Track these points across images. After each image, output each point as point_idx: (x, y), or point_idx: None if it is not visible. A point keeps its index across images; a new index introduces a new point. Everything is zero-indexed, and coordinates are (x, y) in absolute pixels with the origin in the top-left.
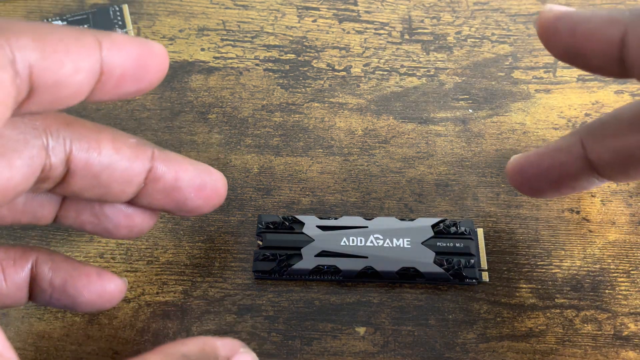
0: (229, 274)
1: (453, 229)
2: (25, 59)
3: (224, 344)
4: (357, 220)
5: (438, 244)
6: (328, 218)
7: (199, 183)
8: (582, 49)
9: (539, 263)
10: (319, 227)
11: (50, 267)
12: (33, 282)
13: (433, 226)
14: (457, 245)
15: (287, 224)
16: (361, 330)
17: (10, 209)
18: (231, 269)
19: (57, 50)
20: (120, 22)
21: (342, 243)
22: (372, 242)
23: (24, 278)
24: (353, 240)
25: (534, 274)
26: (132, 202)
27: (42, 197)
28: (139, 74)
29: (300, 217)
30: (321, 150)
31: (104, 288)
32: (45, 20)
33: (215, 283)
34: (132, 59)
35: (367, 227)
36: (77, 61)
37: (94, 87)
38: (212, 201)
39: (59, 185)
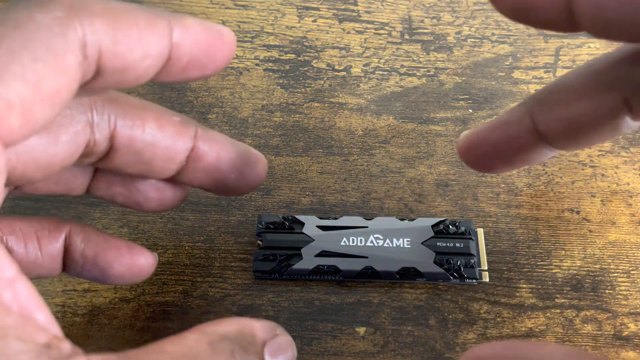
0: (229, 274)
1: (453, 229)
2: (96, 44)
3: (262, 326)
4: (357, 220)
5: (438, 244)
6: (328, 218)
7: (239, 164)
8: (529, 3)
9: (539, 263)
10: (319, 227)
11: (82, 239)
12: (66, 253)
13: (433, 226)
14: (457, 245)
15: (287, 224)
16: (361, 330)
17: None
18: (231, 269)
19: (130, 35)
20: None
21: (342, 243)
22: (372, 242)
23: (58, 249)
24: (353, 240)
25: (534, 274)
26: (171, 178)
27: (75, 168)
28: (206, 60)
29: (300, 217)
30: (321, 150)
31: (134, 261)
32: None
33: (215, 283)
34: (201, 46)
35: (367, 227)
36: (148, 47)
37: (159, 70)
38: (252, 183)
39: (101, 160)
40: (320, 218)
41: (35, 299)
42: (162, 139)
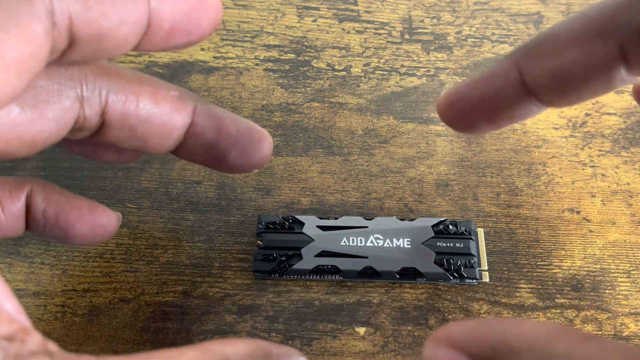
0: (229, 274)
1: (453, 229)
2: (64, 11)
3: (280, 353)
4: (357, 220)
5: (438, 244)
6: (328, 218)
7: (241, 141)
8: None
9: (539, 263)
10: (319, 227)
11: (43, 198)
12: (28, 212)
13: (433, 226)
14: (457, 245)
15: (287, 224)
16: (361, 330)
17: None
18: (231, 269)
19: (101, 1)
20: None
21: (342, 243)
22: (372, 242)
23: (20, 208)
24: (353, 240)
25: (534, 274)
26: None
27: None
28: (190, 26)
29: (300, 217)
30: (321, 150)
31: (96, 221)
32: None
33: (215, 283)
34: (182, 11)
35: (367, 227)
36: (123, 13)
37: (140, 39)
38: (254, 161)
39: (94, 134)
40: (320, 218)
41: (2, 287)
42: (158, 115)
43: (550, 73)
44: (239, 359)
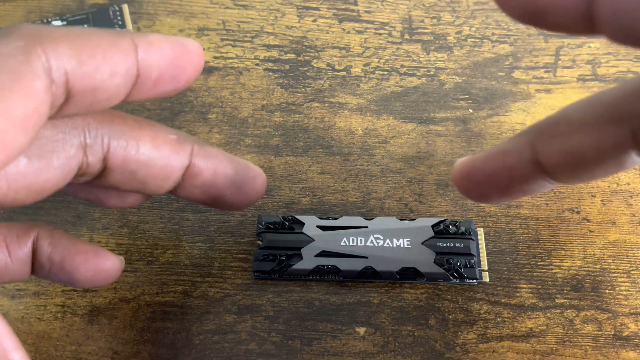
0: (229, 274)
1: (453, 229)
2: (61, 67)
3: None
4: (357, 220)
5: (438, 244)
6: (328, 218)
7: (237, 181)
8: (545, 5)
9: (539, 263)
10: (319, 227)
11: (49, 243)
12: (34, 256)
13: (433, 226)
14: (457, 245)
15: (287, 224)
16: (361, 330)
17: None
18: (231, 269)
19: (94, 56)
20: (120, 22)
21: (342, 243)
22: (372, 242)
23: (26, 253)
24: (353, 240)
25: (534, 274)
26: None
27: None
28: (175, 73)
29: (300, 217)
30: (321, 150)
31: (100, 266)
32: (44, 20)
33: (215, 283)
34: (167, 60)
35: (367, 227)
36: (114, 66)
37: (131, 89)
38: (250, 198)
39: (96, 178)
40: (320, 218)
41: (11, 339)
42: (158, 159)
43: (563, 154)
44: None
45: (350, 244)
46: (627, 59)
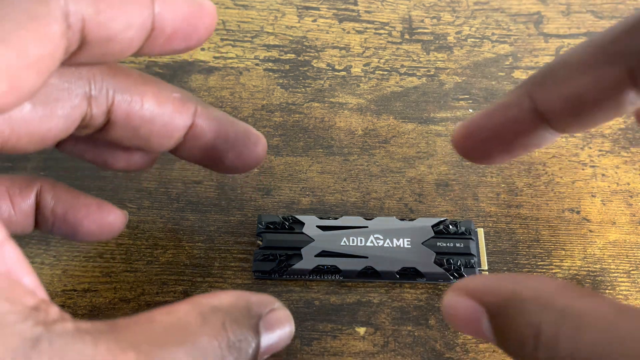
0: (229, 274)
1: (453, 229)
2: (79, 13)
3: (258, 300)
4: (357, 220)
5: (438, 244)
6: (328, 218)
7: (237, 144)
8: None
9: (539, 263)
10: (319, 227)
11: (52, 196)
12: (37, 210)
13: (433, 226)
14: (457, 245)
15: (287, 224)
16: (361, 330)
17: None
18: (231, 269)
19: (112, 5)
20: None
21: (342, 243)
22: (372, 242)
23: (30, 205)
24: (353, 240)
25: (534, 274)
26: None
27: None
28: (188, 31)
29: (300, 217)
30: (321, 150)
31: (103, 219)
32: None
33: (215, 283)
34: (183, 17)
35: (367, 227)
36: (130, 17)
37: (144, 42)
38: (249, 162)
39: (97, 132)
40: (320, 218)
41: (23, 264)
42: (160, 116)
43: (562, 99)
44: (224, 308)
45: (350, 244)
46: None
